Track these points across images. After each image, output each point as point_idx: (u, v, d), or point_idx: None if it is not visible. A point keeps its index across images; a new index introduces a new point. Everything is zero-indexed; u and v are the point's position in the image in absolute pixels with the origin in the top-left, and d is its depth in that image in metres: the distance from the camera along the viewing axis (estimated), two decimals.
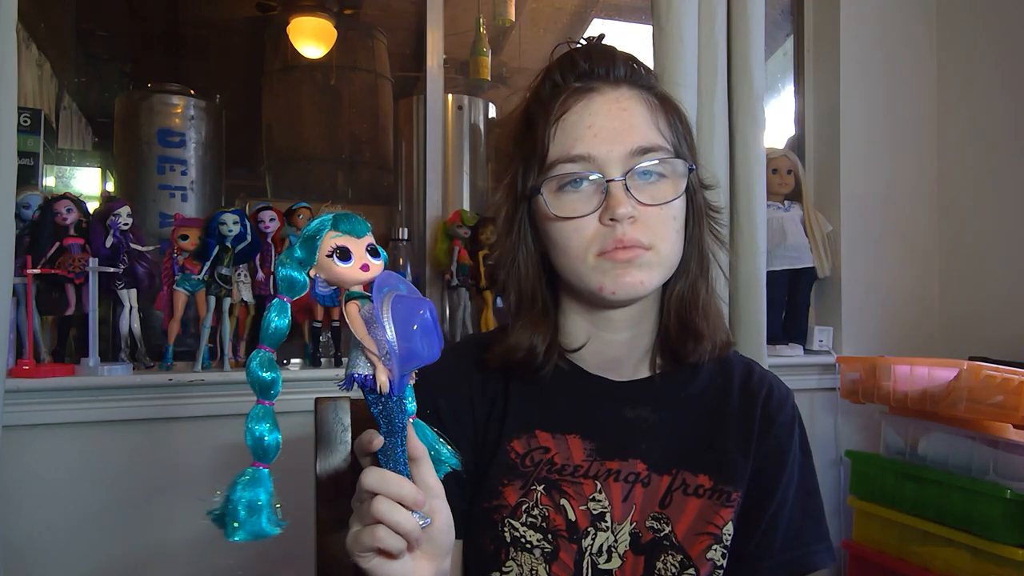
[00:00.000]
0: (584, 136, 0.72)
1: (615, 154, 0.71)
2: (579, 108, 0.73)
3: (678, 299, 0.78)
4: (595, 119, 0.72)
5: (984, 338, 1.92)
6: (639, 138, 0.72)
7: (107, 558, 1.40)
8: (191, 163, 1.84)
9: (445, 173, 2.04)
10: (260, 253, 1.58)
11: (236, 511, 0.49)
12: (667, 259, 0.74)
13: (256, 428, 0.51)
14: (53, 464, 1.38)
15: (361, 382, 0.54)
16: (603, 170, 0.71)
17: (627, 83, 0.75)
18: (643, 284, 0.72)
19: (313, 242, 0.52)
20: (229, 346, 1.53)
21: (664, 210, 0.72)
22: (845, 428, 1.97)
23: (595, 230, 0.72)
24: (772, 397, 0.80)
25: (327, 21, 2.71)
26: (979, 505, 1.47)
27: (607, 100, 0.73)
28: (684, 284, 0.78)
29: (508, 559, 0.73)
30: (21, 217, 1.40)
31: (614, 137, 0.71)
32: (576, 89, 0.74)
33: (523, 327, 0.77)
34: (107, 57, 2.82)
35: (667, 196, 0.72)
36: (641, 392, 0.79)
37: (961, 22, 2.06)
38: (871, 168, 2.03)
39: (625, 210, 0.70)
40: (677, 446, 0.77)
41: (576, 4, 3.14)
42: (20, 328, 1.38)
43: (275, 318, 0.51)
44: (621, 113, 0.72)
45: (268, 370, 0.51)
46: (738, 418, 0.78)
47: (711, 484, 0.75)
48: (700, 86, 1.69)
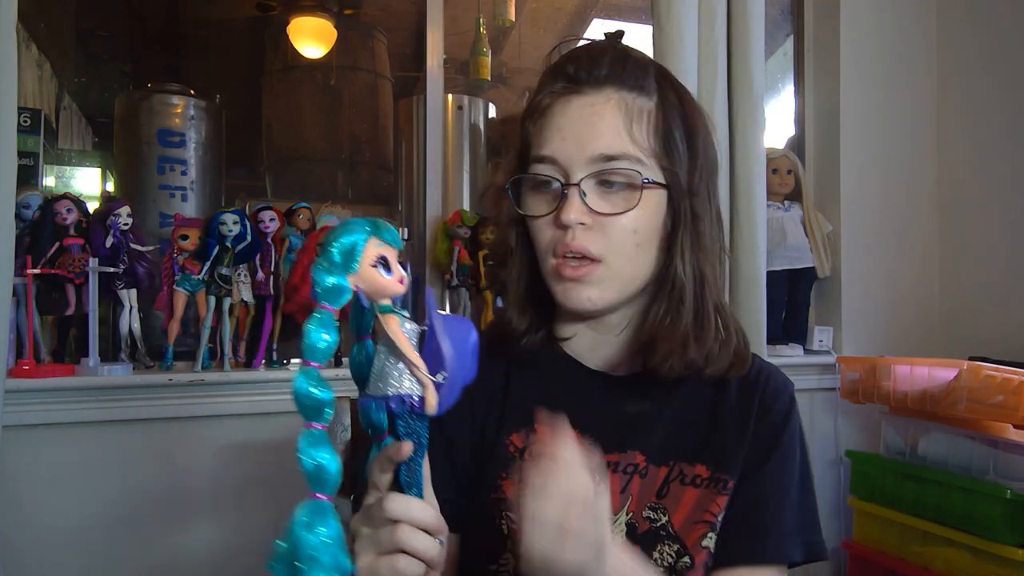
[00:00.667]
0: (553, 138, 0.73)
1: (578, 159, 0.71)
2: (556, 110, 0.73)
3: (651, 321, 0.75)
4: (566, 122, 0.72)
5: (984, 338, 1.92)
6: (603, 144, 0.71)
7: (107, 557, 1.40)
8: (191, 163, 1.84)
9: (445, 173, 2.04)
10: (260, 253, 1.58)
11: (311, 555, 0.44)
12: (620, 273, 0.73)
13: (316, 456, 0.46)
14: (53, 464, 1.38)
15: (412, 403, 0.51)
16: (567, 173, 0.71)
17: (612, 84, 0.73)
18: (591, 301, 0.72)
19: (354, 250, 0.49)
20: (229, 346, 1.53)
21: (621, 221, 0.71)
22: (845, 428, 1.97)
23: (552, 233, 0.73)
24: (770, 386, 0.80)
25: (327, 21, 2.71)
26: (979, 505, 1.47)
27: (583, 103, 0.73)
28: (659, 307, 0.75)
29: (506, 551, 0.74)
30: (21, 217, 1.40)
31: (579, 141, 0.71)
32: (559, 90, 0.74)
33: (511, 305, 0.79)
34: (107, 57, 2.82)
35: (620, 207, 0.71)
36: (641, 386, 0.79)
37: (961, 22, 2.06)
38: (871, 168, 2.03)
39: (573, 216, 0.70)
40: (676, 437, 0.77)
41: (576, 4, 3.14)
42: (20, 328, 1.38)
43: (323, 333, 0.47)
44: (591, 117, 0.72)
45: (319, 387, 0.46)
46: (736, 408, 0.78)
47: (708, 474, 0.75)
48: (700, 86, 1.69)
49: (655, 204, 0.73)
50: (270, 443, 1.50)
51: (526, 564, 0.54)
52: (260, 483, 1.48)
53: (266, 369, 1.56)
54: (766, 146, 1.78)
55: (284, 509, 0.48)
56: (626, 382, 0.80)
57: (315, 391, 0.46)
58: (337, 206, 2.13)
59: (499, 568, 0.74)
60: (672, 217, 0.74)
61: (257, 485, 1.48)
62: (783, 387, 0.81)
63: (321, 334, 0.47)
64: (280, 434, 1.50)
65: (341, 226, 0.50)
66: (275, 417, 1.50)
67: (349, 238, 0.49)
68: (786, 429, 0.78)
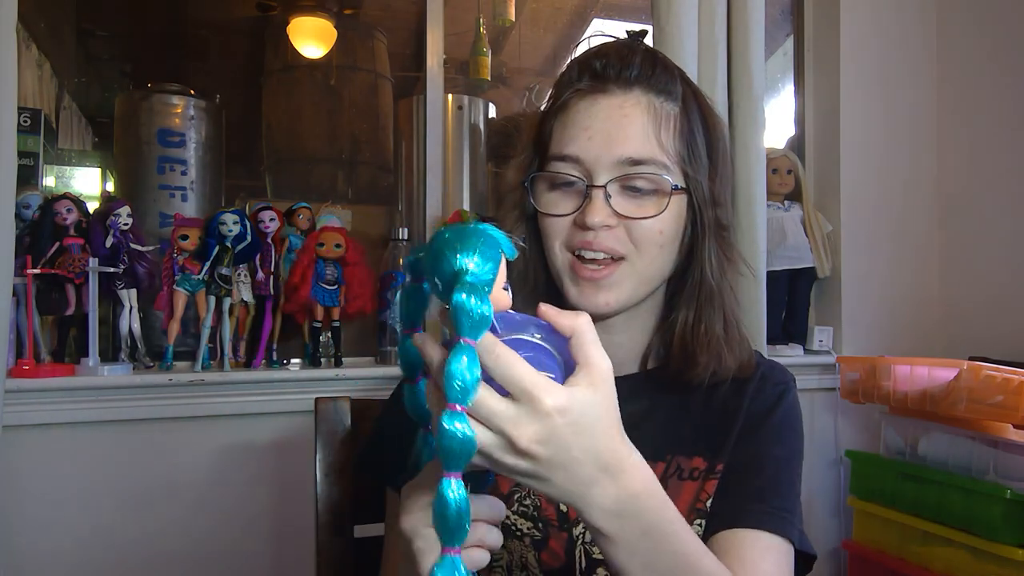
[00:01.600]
0: (579, 138, 0.72)
1: (604, 160, 0.71)
2: (583, 108, 0.73)
3: (681, 328, 0.76)
4: (593, 122, 0.72)
5: (984, 338, 1.92)
6: (631, 148, 0.70)
7: (107, 557, 1.40)
8: (191, 163, 1.84)
9: (445, 173, 2.04)
10: (260, 253, 1.58)
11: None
12: (643, 274, 0.73)
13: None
14: (53, 464, 1.38)
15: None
16: (591, 174, 0.71)
17: (640, 86, 0.73)
18: (608, 305, 0.72)
19: (494, 269, 0.44)
20: (229, 346, 1.54)
21: (648, 224, 0.71)
22: (845, 428, 1.97)
23: (570, 231, 0.72)
24: (767, 373, 0.80)
25: (327, 21, 2.71)
26: (979, 505, 1.47)
27: (611, 104, 0.72)
28: (690, 313, 0.76)
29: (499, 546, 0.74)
30: (21, 217, 1.40)
31: (606, 143, 0.71)
32: (586, 88, 0.73)
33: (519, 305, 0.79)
34: (107, 57, 2.82)
35: (648, 212, 0.71)
36: (637, 385, 0.79)
37: (961, 22, 2.06)
38: (871, 168, 2.03)
39: (599, 219, 0.70)
40: (672, 433, 0.77)
41: (576, 4, 3.13)
42: (20, 328, 1.38)
43: (466, 369, 0.42)
44: (621, 119, 0.71)
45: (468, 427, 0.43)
46: (732, 396, 0.78)
47: (706, 465, 0.75)
48: (700, 86, 1.68)
49: (677, 208, 0.73)
50: (270, 443, 1.50)
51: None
52: (260, 483, 1.48)
53: (266, 369, 1.56)
54: (766, 146, 1.78)
55: (284, 509, 0.48)
56: (626, 382, 0.80)
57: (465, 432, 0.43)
58: (337, 206, 2.13)
59: (494, 564, 0.74)
60: (691, 223, 0.75)
61: (257, 485, 1.48)
62: (780, 373, 0.81)
63: (473, 370, 0.42)
64: (280, 434, 1.50)
65: (473, 242, 0.45)
66: (275, 417, 1.50)
67: (489, 264, 0.44)
68: (781, 404, 0.77)
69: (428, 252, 0.46)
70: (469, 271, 0.43)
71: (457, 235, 0.45)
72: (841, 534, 1.91)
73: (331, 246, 1.59)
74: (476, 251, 0.44)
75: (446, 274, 0.44)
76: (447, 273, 0.44)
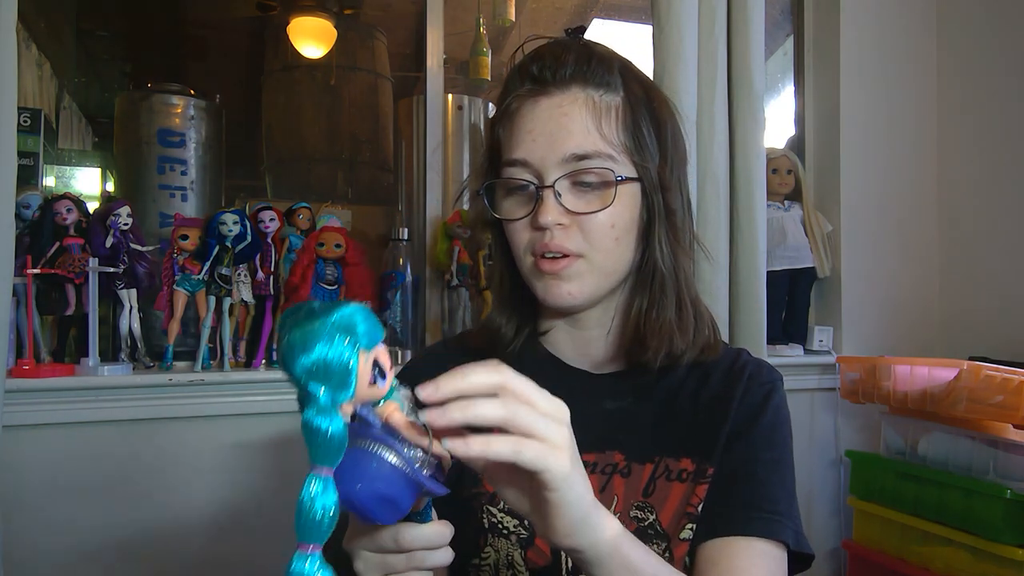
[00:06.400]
0: (524, 141, 0.73)
1: (550, 160, 0.71)
2: (525, 112, 0.74)
3: (636, 315, 0.77)
4: (536, 124, 0.73)
5: (984, 338, 1.92)
6: (574, 144, 0.71)
7: (107, 557, 1.40)
8: (191, 163, 1.84)
9: (445, 173, 2.04)
10: (260, 253, 1.58)
11: None
12: (602, 268, 0.74)
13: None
14: (53, 464, 1.38)
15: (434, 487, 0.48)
16: (540, 175, 0.72)
17: (577, 83, 0.73)
18: (572, 295, 0.73)
19: (347, 373, 0.38)
20: (229, 346, 1.53)
21: (599, 217, 0.72)
22: (845, 428, 1.97)
23: (530, 235, 0.74)
24: (753, 373, 0.79)
25: (327, 21, 2.71)
26: (979, 505, 1.47)
27: (551, 104, 0.73)
28: (644, 300, 0.77)
29: (487, 545, 0.74)
30: (21, 217, 1.40)
31: (550, 142, 0.72)
32: (526, 92, 0.74)
33: (497, 308, 0.81)
34: (107, 57, 2.83)
35: (597, 206, 0.72)
36: (621, 383, 0.79)
37: (961, 22, 2.06)
38: (871, 168, 2.03)
39: (550, 218, 0.71)
40: (659, 434, 0.77)
41: (576, 4, 3.14)
42: (20, 328, 1.38)
43: (321, 499, 0.38)
44: (561, 118, 0.72)
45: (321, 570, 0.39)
46: (720, 396, 0.78)
47: (694, 467, 0.75)
48: (700, 86, 1.68)
49: (629, 198, 0.74)
50: (270, 443, 1.50)
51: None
52: (260, 483, 1.48)
53: (266, 369, 1.56)
54: (766, 146, 1.78)
55: (284, 509, 0.48)
56: (608, 380, 0.80)
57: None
58: (337, 206, 2.13)
59: (481, 562, 0.75)
60: (647, 210, 0.75)
61: (257, 485, 1.48)
62: (767, 372, 0.81)
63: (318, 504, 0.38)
64: (280, 434, 1.50)
65: (310, 343, 0.38)
66: (275, 417, 1.50)
67: (335, 359, 0.38)
68: (768, 406, 0.77)
69: (279, 345, 0.40)
70: (309, 393, 0.38)
71: (302, 333, 0.38)
72: (841, 534, 1.91)
73: (331, 246, 1.59)
74: (313, 365, 0.37)
75: (295, 382, 0.38)
76: (295, 382, 0.39)
